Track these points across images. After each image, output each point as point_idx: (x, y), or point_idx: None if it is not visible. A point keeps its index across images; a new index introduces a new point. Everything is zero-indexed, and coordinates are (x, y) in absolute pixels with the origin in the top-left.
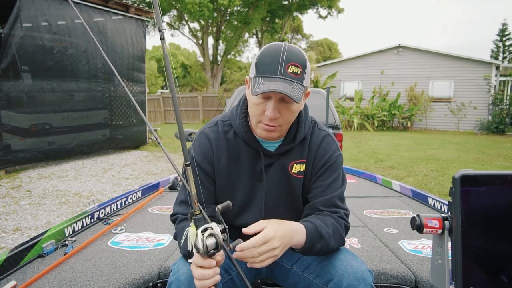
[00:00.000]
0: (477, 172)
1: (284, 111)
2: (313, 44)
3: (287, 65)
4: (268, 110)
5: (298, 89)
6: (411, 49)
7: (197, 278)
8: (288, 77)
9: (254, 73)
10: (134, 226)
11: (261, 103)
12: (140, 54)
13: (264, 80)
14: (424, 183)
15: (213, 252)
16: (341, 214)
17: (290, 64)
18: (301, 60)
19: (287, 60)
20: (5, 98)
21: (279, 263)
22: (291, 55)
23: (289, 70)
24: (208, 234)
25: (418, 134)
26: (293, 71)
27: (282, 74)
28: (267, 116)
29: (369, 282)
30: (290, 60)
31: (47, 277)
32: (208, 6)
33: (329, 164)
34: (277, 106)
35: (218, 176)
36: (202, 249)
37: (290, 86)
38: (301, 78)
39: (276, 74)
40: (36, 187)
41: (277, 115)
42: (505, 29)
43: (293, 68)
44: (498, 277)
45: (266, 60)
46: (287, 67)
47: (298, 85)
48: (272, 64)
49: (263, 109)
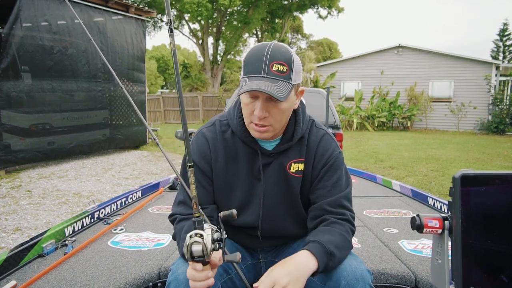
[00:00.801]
0: (477, 172)
1: (273, 110)
2: (313, 44)
3: (271, 63)
4: (256, 110)
5: (283, 87)
6: (411, 49)
7: (189, 278)
8: (272, 75)
9: (242, 73)
10: (134, 226)
11: (250, 102)
12: (140, 54)
13: (249, 80)
14: (424, 183)
15: (198, 259)
16: (347, 217)
17: (274, 62)
18: (287, 58)
19: (271, 59)
20: (5, 98)
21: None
22: (276, 53)
23: (273, 69)
24: (193, 241)
25: (418, 134)
26: (277, 69)
27: (266, 73)
28: (256, 115)
29: (367, 282)
30: (274, 59)
31: (47, 277)
32: (206, 6)
33: (330, 163)
34: (265, 105)
35: (216, 175)
36: (186, 255)
37: (274, 85)
38: (287, 76)
39: (260, 73)
40: (36, 187)
41: (266, 115)
42: (505, 29)
43: (278, 66)
44: (498, 277)
45: (251, 59)
46: (271, 65)
47: (283, 83)
48: (256, 64)
49: (252, 108)
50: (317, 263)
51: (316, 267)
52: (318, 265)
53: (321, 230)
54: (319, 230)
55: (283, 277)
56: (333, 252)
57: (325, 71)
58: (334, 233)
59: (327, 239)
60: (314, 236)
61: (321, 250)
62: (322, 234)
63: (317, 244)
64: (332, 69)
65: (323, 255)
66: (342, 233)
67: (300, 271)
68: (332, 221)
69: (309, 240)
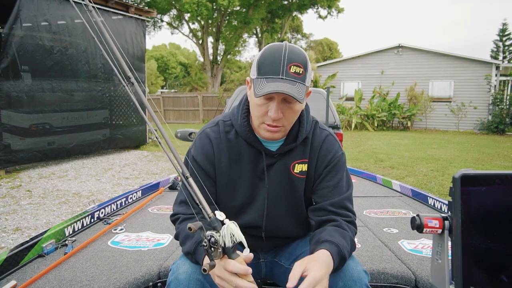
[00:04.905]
0: (477, 172)
1: (287, 111)
2: (313, 43)
3: (289, 65)
4: (271, 111)
5: (300, 89)
6: (411, 49)
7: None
8: (291, 77)
9: (255, 74)
10: (134, 226)
11: (263, 104)
12: (140, 54)
13: (266, 81)
14: (424, 183)
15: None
16: (352, 219)
17: (292, 64)
18: (303, 60)
19: (289, 61)
20: (5, 98)
21: (278, 262)
22: (293, 55)
23: (291, 71)
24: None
25: (418, 134)
26: (295, 71)
27: (284, 75)
28: (270, 117)
29: (364, 283)
30: (292, 60)
31: (47, 276)
32: (206, 5)
33: (333, 164)
34: (280, 106)
35: (219, 176)
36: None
37: (293, 87)
38: (303, 78)
39: (278, 74)
40: (36, 187)
41: (280, 116)
42: (505, 29)
43: (295, 68)
44: (498, 277)
45: (268, 60)
46: (289, 67)
47: (300, 85)
48: (274, 65)
49: (265, 110)
50: (333, 265)
51: (331, 268)
52: (333, 268)
53: (335, 230)
54: (333, 230)
55: (324, 277)
56: (346, 257)
57: (325, 71)
58: (347, 237)
59: (343, 243)
60: (329, 236)
61: (337, 253)
62: (338, 236)
63: (334, 246)
64: (332, 69)
65: (338, 258)
66: (351, 237)
67: (329, 271)
68: (342, 223)
69: (325, 239)
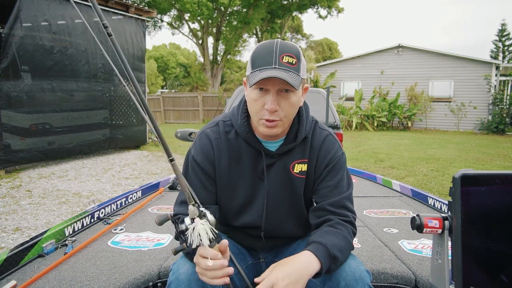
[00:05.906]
0: (477, 172)
1: (283, 103)
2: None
3: (281, 55)
4: (267, 103)
5: (295, 77)
6: (411, 49)
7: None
8: (284, 66)
9: (250, 69)
10: (134, 226)
11: (259, 97)
12: (140, 53)
13: (260, 71)
14: (424, 183)
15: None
16: (350, 218)
17: (284, 54)
18: (295, 51)
19: (281, 51)
20: (5, 98)
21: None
22: (284, 46)
23: (284, 60)
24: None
25: (418, 134)
26: (288, 61)
27: (277, 65)
28: (266, 109)
29: (366, 282)
30: (284, 51)
31: (47, 276)
32: (207, 5)
33: (333, 164)
34: (276, 98)
35: (219, 176)
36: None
37: (287, 74)
38: (296, 68)
39: (271, 64)
40: (36, 187)
41: (277, 108)
42: (504, 29)
43: (288, 58)
44: (498, 277)
45: (261, 54)
46: (281, 57)
47: (294, 74)
48: (266, 57)
49: (262, 103)
50: (320, 265)
51: (319, 269)
52: (321, 268)
53: (326, 231)
54: (324, 230)
55: (282, 279)
56: (336, 256)
57: (325, 71)
58: (339, 235)
59: (332, 242)
60: (319, 236)
61: (325, 253)
62: (327, 235)
63: (321, 246)
64: (332, 69)
65: (326, 258)
66: (346, 236)
67: (301, 272)
68: (336, 222)
69: (313, 240)
